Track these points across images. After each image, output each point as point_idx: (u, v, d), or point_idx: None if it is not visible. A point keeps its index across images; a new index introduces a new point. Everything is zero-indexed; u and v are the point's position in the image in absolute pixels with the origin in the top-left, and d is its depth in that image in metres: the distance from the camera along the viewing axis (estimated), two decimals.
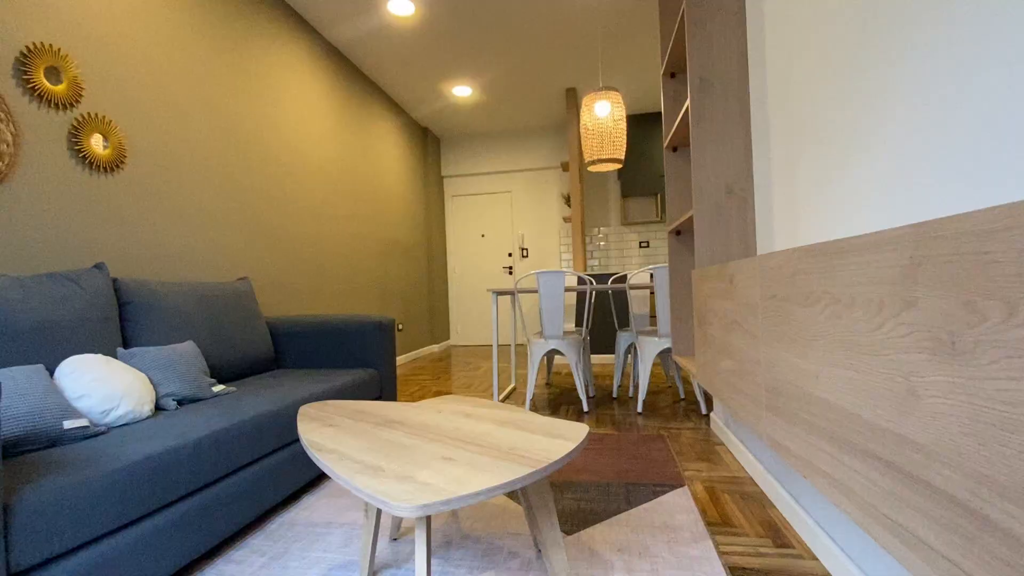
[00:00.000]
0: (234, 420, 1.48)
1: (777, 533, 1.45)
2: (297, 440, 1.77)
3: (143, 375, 1.57)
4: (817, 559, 1.31)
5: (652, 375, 3.79)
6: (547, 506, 1.06)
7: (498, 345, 3.07)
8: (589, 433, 1.04)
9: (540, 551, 1.37)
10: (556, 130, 6.21)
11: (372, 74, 4.56)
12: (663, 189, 5.62)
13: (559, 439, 1.04)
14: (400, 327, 5.10)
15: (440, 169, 6.50)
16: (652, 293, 4.54)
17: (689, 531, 1.46)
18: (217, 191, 2.70)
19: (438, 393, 3.57)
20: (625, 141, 3.28)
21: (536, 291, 3.10)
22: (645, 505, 1.64)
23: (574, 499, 1.71)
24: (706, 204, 1.74)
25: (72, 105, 1.95)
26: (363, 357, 2.43)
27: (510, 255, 6.42)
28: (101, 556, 1.06)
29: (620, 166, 3.33)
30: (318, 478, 2.00)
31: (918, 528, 0.59)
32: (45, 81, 1.85)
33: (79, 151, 1.97)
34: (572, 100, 5.08)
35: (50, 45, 1.88)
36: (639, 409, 2.81)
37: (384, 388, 2.46)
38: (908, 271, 0.59)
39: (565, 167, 5.87)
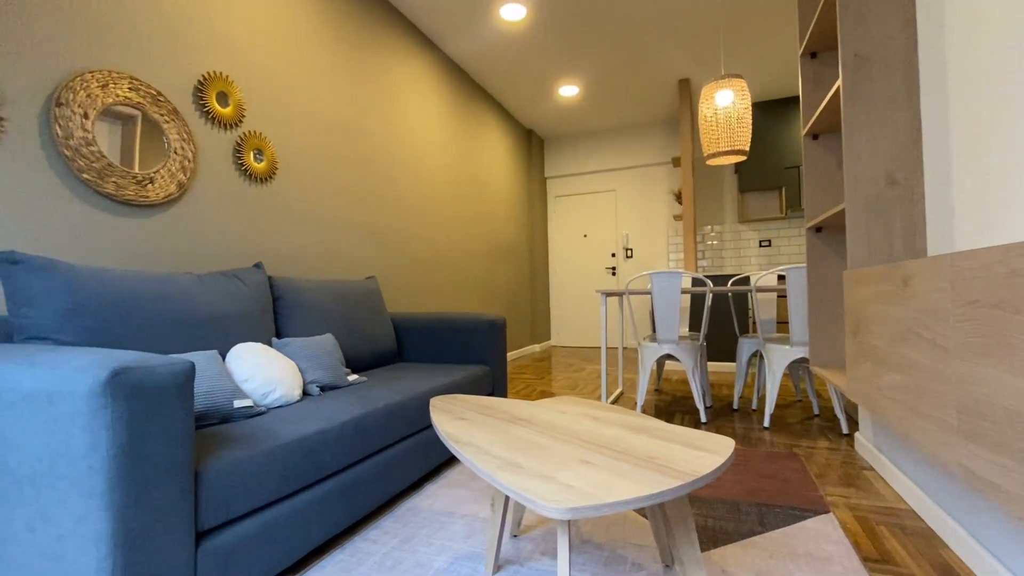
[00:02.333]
0: (369, 408, 1.58)
1: None
2: (421, 430, 1.86)
3: (293, 363, 1.74)
4: None
5: (779, 387, 3.47)
6: (686, 521, 0.99)
7: (606, 347, 2.99)
8: (735, 448, 0.96)
9: (667, 566, 1.30)
10: (666, 124, 5.95)
11: (483, 81, 4.69)
12: (788, 182, 5.12)
13: (701, 451, 0.97)
14: None
15: (544, 170, 6.53)
16: (779, 296, 4.16)
17: (841, 564, 1.30)
18: (349, 197, 2.94)
19: (544, 392, 3.58)
20: (750, 131, 3.03)
21: (647, 292, 2.97)
22: (783, 529, 1.49)
23: (699, 515, 1.60)
24: (861, 196, 1.53)
25: (236, 125, 2.23)
26: (476, 353, 2.49)
27: (613, 255, 6.26)
28: (266, 523, 1.19)
29: (744, 158, 3.08)
30: (437, 468, 2.08)
31: None
32: (216, 105, 2.13)
33: (241, 164, 2.24)
34: (685, 91, 4.82)
35: (220, 72, 2.16)
36: (766, 423, 2.57)
37: (496, 385, 2.51)
38: None
39: (676, 162, 5.60)
